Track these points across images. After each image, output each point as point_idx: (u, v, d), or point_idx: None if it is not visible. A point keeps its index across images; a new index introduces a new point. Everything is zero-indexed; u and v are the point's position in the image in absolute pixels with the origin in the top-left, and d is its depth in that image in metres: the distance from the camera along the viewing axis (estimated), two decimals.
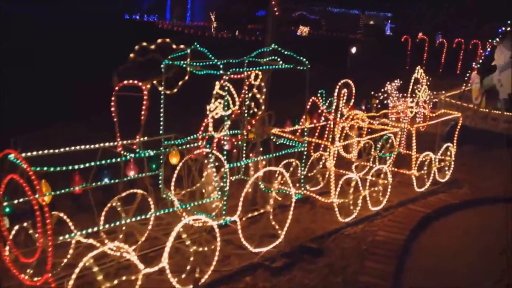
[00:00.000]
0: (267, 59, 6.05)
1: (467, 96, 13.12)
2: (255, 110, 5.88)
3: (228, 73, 5.00)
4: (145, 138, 5.21)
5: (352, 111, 7.16)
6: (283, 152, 6.07)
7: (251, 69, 5.56)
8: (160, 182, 5.73)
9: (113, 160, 4.59)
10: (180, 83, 5.22)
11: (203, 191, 5.86)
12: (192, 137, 5.77)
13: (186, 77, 5.08)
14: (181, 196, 5.85)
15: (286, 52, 5.77)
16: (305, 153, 6.33)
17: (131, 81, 4.58)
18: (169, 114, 5.60)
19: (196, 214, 5.36)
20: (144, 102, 4.69)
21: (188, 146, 5.34)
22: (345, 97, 6.83)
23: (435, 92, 13.94)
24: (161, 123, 5.60)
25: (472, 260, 5.96)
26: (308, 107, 6.36)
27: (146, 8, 43.93)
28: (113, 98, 4.57)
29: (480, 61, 13.20)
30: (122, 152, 4.76)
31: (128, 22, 37.89)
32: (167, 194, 5.74)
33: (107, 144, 4.88)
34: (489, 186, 8.47)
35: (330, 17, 53.28)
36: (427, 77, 8.44)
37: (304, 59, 5.79)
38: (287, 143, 6.25)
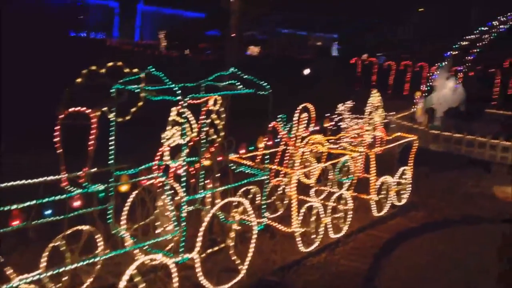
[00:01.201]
0: (226, 83, 5.78)
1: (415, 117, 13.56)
2: (214, 136, 5.57)
3: (187, 98, 4.67)
4: (94, 170, 4.75)
5: (312, 135, 6.99)
6: (245, 181, 5.76)
7: (211, 94, 5.25)
8: (109, 216, 5.26)
9: (57, 197, 4.11)
10: (133, 109, 4.81)
11: (157, 223, 5.47)
12: (145, 166, 5.37)
13: (140, 103, 4.69)
14: (133, 231, 5.40)
15: (246, 76, 5.51)
16: (266, 180, 6.05)
17: (78, 108, 4.15)
18: (122, 143, 5.17)
19: (150, 252, 4.94)
20: (93, 131, 4.27)
21: (142, 177, 4.93)
22: (304, 122, 6.66)
23: (385, 114, 14.25)
24: (111, 153, 5.15)
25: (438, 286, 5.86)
26: (268, 133, 6.12)
27: (93, 25, 42.78)
28: (57, 127, 4.12)
29: (430, 83, 13.67)
30: (67, 187, 4.29)
31: (74, 40, 36.59)
32: (117, 230, 5.27)
33: (50, 178, 4.39)
34: (444, 207, 8.53)
35: (279, 37, 54.11)
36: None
37: (266, 84, 5.55)
38: (248, 171, 5.96)
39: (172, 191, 5.17)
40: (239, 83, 5.74)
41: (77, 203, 5.09)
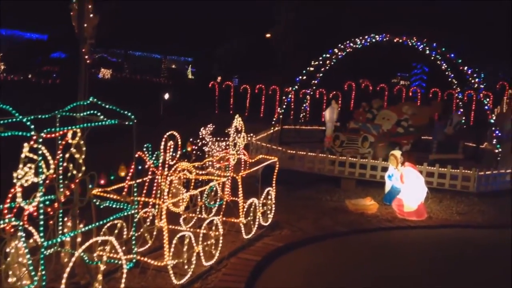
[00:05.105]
0: (85, 113, 5.37)
1: (275, 138, 14.28)
2: (74, 172, 5.11)
3: (43, 134, 4.22)
4: None
5: (179, 162, 6.86)
6: (112, 218, 5.38)
7: (70, 127, 4.82)
8: None
9: None
10: None
11: (10, 273, 4.82)
12: None
13: None
14: None
15: (107, 106, 5.18)
16: (134, 213, 5.74)
17: None
18: None
19: None
20: None
21: None
22: (171, 149, 6.52)
23: (248, 137, 14.85)
24: None
25: None
26: (133, 164, 5.82)
27: None
28: None
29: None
30: None
31: None
32: None
33: None
34: (304, 225, 8.99)
35: (132, 60, 53.16)
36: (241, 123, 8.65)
37: (129, 114, 5.29)
38: (114, 205, 5.58)
39: (27, 236, 4.61)
40: (99, 113, 5.39)
41: None
